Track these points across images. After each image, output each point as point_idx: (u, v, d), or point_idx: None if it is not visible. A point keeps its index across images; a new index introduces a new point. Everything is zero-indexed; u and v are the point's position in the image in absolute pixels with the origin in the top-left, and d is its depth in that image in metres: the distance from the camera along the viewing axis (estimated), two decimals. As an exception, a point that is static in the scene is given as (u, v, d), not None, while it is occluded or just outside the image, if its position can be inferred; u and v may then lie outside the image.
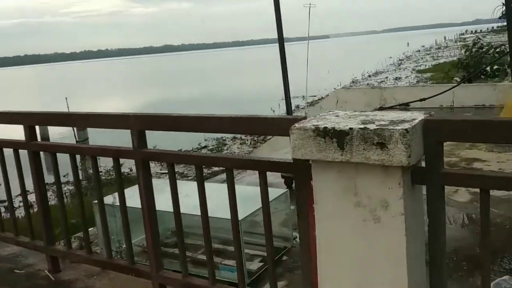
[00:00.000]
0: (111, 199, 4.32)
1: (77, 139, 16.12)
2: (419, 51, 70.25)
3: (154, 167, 12.76)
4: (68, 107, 18.02)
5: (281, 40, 6.23)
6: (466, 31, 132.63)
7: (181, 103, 34.51)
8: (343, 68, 51.87)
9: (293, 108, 26.52)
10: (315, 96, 30.86)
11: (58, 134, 16.70)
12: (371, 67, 44.75)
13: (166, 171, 3.50)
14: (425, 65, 40.96)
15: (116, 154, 2.52)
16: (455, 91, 7.98)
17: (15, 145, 3.03)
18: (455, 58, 43.68)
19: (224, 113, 2.13)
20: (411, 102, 7.86)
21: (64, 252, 3.06)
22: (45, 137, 8.58)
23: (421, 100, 7.69)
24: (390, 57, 57.03)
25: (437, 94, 7.78)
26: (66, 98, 18.60)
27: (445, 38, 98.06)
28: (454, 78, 14.05)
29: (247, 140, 16.92)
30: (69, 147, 2.95)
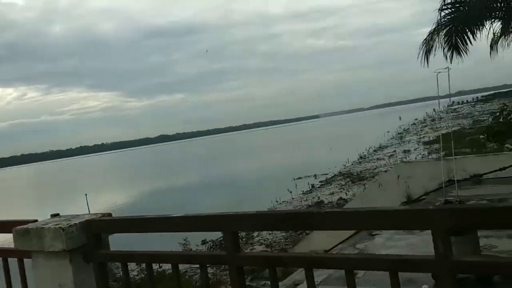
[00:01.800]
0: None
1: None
2: (414, 124, 71.28)
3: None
4: (88, 205, 17.25)
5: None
6: (453, 102, 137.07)
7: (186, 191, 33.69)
8: (345, 145, 52.03)
9: (309, 188, 25.35)
10: (326, 174, 30.27)
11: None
12: (372, 142, 44.77)
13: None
14: (429, 137, 40.95)
15: (209, 259, 2.22)
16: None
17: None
18: (455, 128, 44.19)
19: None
20: (487, 173, 7.08)
21: None
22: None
23: (500, 169, 6.95)
24: (388, 132, 57.42)
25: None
26: (86, 194, 17.73)
27: (434, 110, 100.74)
28: (506, 145, 13.47)
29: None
30: (148, 255, 2.30)
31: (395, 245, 5.06)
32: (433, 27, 8.60)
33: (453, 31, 7.42)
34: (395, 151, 34.76)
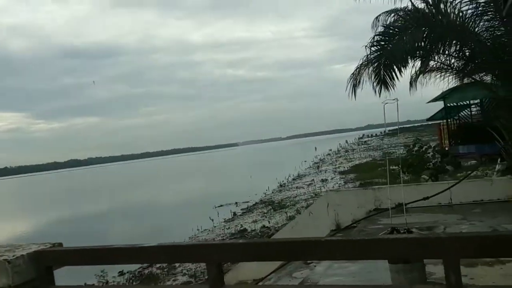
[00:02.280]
0: None
1: None
2: (329, 154, 74.39)
3: None
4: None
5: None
6: (363, 135, 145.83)
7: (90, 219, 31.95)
8: (265, 173, 52.72)
9: (230, 216, 25.30)
10: (248, 201, 30.29)
11: None
12: (290, 171, 45.84)
13: None
14: (344, 167, 42.86)
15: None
16: (453, 188, 7.78)
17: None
18: (367, 160, 46.77)
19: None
20: (412, 202, 7.44)
21: None
22: None
23: (424, 199, 7.34)
24: (305, 161, 59.24)
25: (439, 193, 7.50)
26: None
27: (347, 142, 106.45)
28: (422, 176, 14.37)
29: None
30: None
31: (336, 273, 5.04)
32: (361, 62, 9.05)
33: (382, 66, 7.85)
34: (313, 180, 35.83)
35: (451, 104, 22.65)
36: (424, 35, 8.22)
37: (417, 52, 8.52)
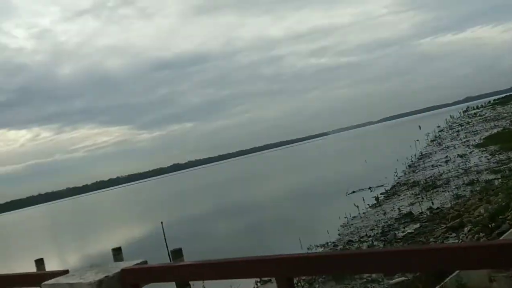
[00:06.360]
0: None
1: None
2: (442, 130, 69.39)
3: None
4: (164, 234, 16.04)
5: None
6: (467, 107, 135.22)
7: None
8: (377, 157, 50.35)
9: (373, 201, 23.63)
10: (382, 185, 28.57)
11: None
12: (405, 152, 43.08)
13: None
14: (474, 140, 39.29)
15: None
16: None
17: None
18: (497, 130, 42.44)
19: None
20: None
21: None
22: None
23: None
24: (417, 140, 55.56)
25: None
26: (161, 222, 16.33)
27: (451, 116, 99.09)
28: None
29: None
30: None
31: None
32: None
33: None
34: (447, 156, 33.17)
35: None
36: None
37: None
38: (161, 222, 16.82)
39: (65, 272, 2.41)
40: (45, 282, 2.30)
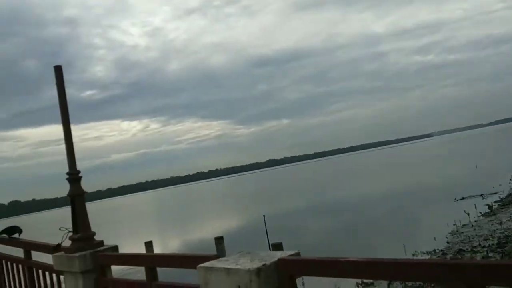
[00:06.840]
0: None
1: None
2: None
3: None
4: (266, 227, 16.40)
5: None
6: None
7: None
8: (489, 163, 46.54)
9: (485, 209, 21.81)
10: (496, 193, 26.45)
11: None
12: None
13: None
14: None
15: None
16: None
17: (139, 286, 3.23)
18: None
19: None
20: None
21: None
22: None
23: None
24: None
25: None
26: (264, 215, 16.90)
27: None
28: None
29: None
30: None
31: None
32: None
33: None
34: None
35: None
36: None
37: None
38: (263, 216, 17.13)
39: (217, 256, 2.45)
40: (201, 265, 2.32)
